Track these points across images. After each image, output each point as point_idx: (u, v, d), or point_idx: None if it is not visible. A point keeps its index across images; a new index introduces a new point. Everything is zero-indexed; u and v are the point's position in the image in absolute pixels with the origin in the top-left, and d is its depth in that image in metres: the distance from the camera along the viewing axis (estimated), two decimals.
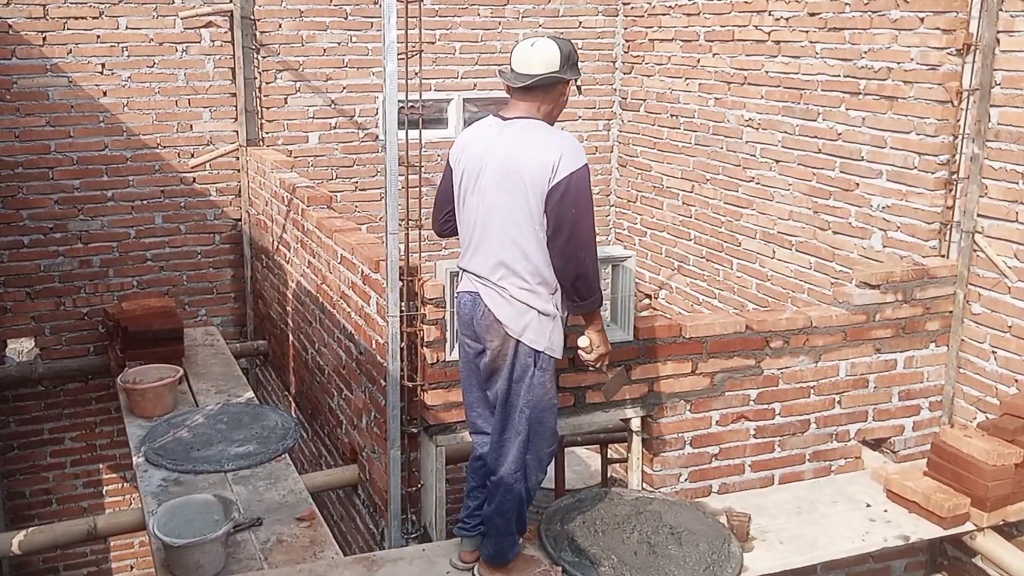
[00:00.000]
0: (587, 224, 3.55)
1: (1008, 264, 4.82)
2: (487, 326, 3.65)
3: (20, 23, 6.53)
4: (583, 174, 3.53)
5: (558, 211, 3.50)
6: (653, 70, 7.58)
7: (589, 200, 3.57)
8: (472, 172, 3.66)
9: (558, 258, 3.55)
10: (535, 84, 3.61)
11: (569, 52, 3.66)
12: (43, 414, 7.13)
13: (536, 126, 3.65)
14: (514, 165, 3.55)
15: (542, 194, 3.51)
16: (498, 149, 3.60)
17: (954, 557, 5.06)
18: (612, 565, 3.88)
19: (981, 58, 4.86)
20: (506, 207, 3.56)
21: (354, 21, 7.32)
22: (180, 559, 3.81)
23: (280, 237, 6.45)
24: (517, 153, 3.56)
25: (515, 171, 3.54)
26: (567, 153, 3.54)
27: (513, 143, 3.59)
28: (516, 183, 3.54)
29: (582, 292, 3.61)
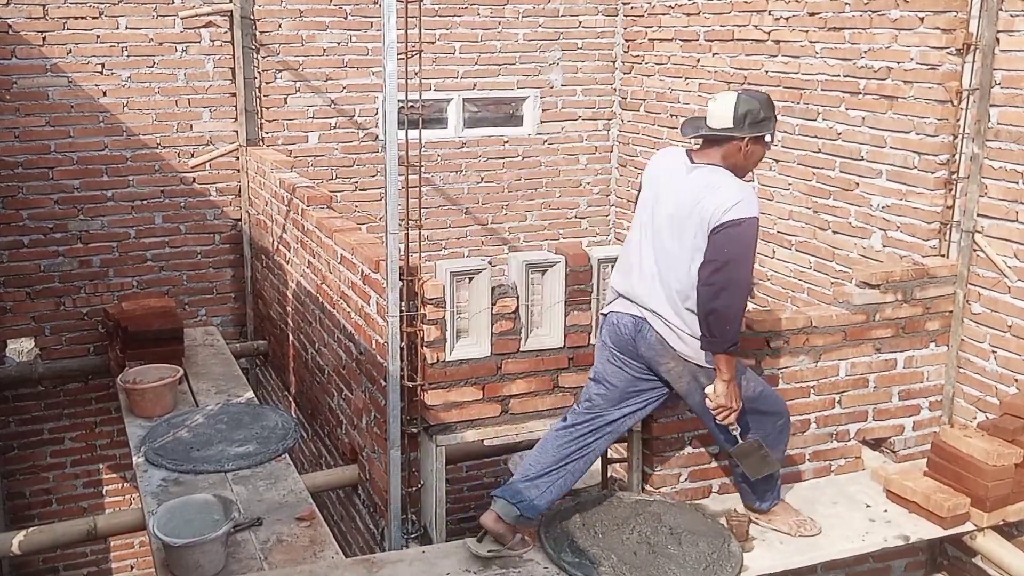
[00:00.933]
0: (740, 269, 3.73)
1: (1008, 264, 4.82)
2: (659, 351, 3.92)
3: (20, 23, 6.53)
4: (751, 223, 3.73)
5: (716, 247, 3.70)
6: (653, 70, 7.58)
7: (748, 250, 3.76)
8: (652, 203, 3.92)
9: (701, 285, 3.73)
10: (708, 136, 3.85)
11: (747, 111, 3.78)
12: (43, 414, 7.13)
13: (720, 173, 3.82)
14: (692, 209, 3.75)
15: (707, 230, 3.71)
16: (682, 191, 3.82)
17: (954, 557, 5.06)
18: (612, 565, 3.88)
19: (981, 58, 4.86)
20: (678, 248, 3.80)
21: (354, 21, 7.32)
22: (180, 559, 3.81)
23: (280, 237, 6.45)
24: (698, 198, 3.75)
25: (693, 215, 3.75)
26: (742, 200, 3.71)
27: (696, 187, 3.79)
28: (692, 226, 3.75)
29: (712, 328, 3.74)
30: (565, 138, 8.09)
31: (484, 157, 7.90)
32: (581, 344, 4.42)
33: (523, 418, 4.46)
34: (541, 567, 3.96)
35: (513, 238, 8.09)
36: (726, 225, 3.67)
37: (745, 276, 3.76)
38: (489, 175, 7.95)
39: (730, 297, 3.71)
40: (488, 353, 4.32)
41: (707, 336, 3.76)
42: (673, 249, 3.81)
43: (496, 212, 8.03)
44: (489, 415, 4.43)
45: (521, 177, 8.03)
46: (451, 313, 4.23)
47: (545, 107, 7.99)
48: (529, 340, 4.37)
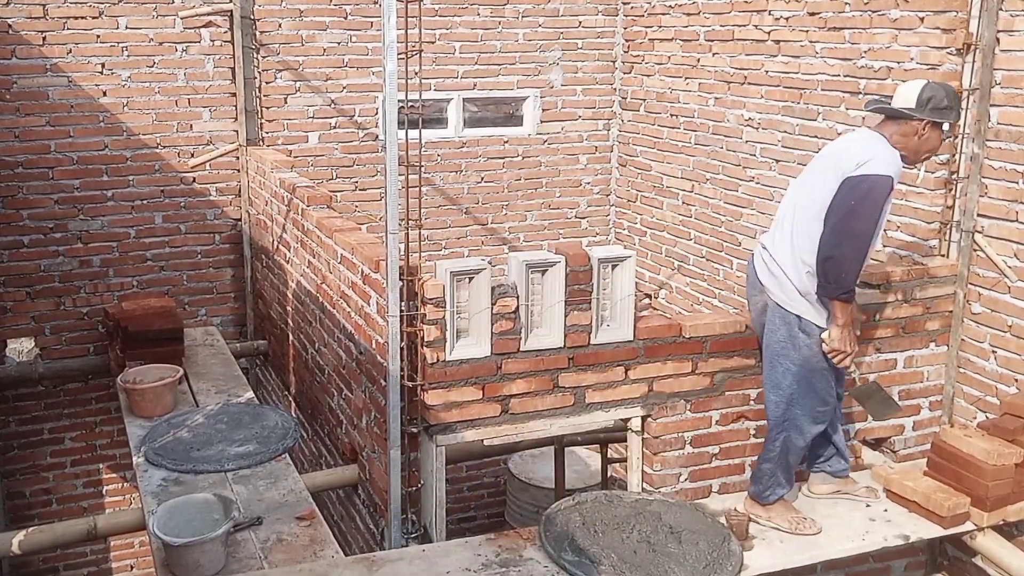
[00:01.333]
0: (860, 220, 3.87)
1: (1008, 263, 4.82)
2: (753, 284, 4.27)
3: (20, 23, 6.53)
4: (882, 182, 3.87)
5: (842, 195, 3.90)
6: (653, 70, 7.58)
7: (874, 206, 3.90)
8: (811, 162, 4.30)
9: (824, 232, 3.93)
10: (887, 113, 4.05)
11: (931, 96, 3.96)
12: (43, 414, 7.13)
13: (875, 137, 4.04)
14: (833, 160, 4.04)
15: (840, 180, 3.87)
16: (834, 145, 4.20)
17: (954, 557, 5.07)
18: (612, 564, 3.88)
19: (981, 57, 4.86)
20: (809, 184, 4.08)
21: (354, 21, 7.32)
22: (180, 558, 3.81)
23: (280, 237, 6.45)
24: (840, 149, 4.07)
25: (831, 164, 4.01)
26: (880, 159, 3.91)
27: (846, 142, 4.14)
28: (827, 168, 4.01)
29: (828, 273, 3.93)
30: (565, 138, 8.09)
31: (484, 157, 7.91)
32: (581, 344, 4.42)
33: (523, 418, 4.46)
34: (541, 566, 3.96)
35: (513, 238, 8.09)
36: (856, 178, 3.87)
37: (865, 228, 3.89)
38: (489, 175, 7.95)
39: (848, 247, 3.88)
40: (488, 353, 4.32)
41: (823, 282, 3.97)
42: (806, 200, 4.05)
43: (496, 212, 8.03)
44: (489, 415, 4.43)
45: (521, 177, 8.03)
46: (451, 313, 4.23)
47: (545, 107, 7.99)
48: (529, 340, 4.36)
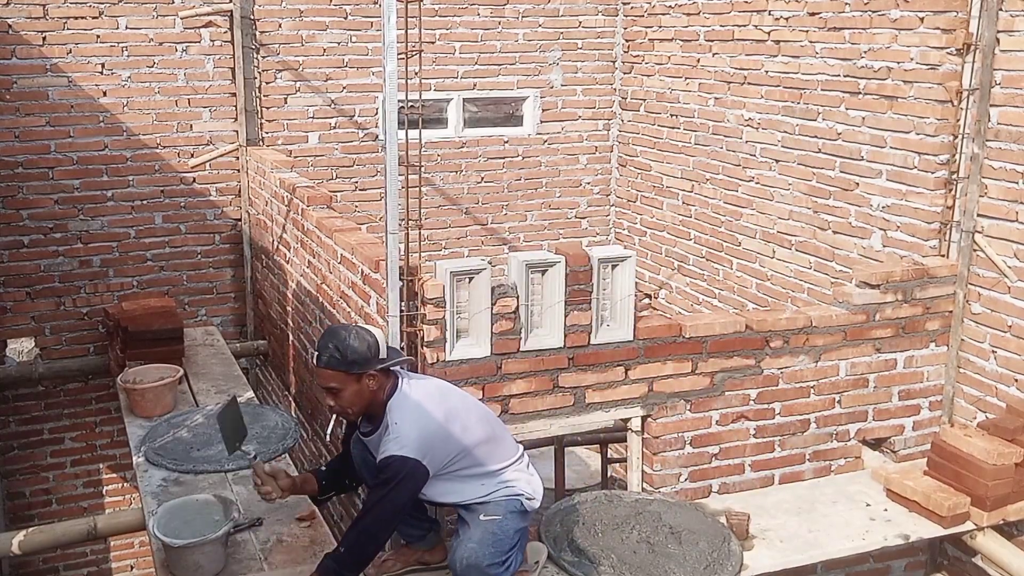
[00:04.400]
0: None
1: (1008, 264, 4.82)
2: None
3: (20, 23, 6.53)
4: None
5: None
6: (653, 70, 7.58)
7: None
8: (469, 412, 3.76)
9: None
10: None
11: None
12: (43, 414, 7.13)
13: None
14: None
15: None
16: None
17: (954, 556, 5.07)
18: (612, 564, 3.89)
19: (981, 58, 4.86)
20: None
21: (354, 21, 7.32)
22: (180, 559, 3.81)
23: (280, 237, 6.45)
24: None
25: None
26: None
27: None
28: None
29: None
30: (565, 138, 8.09)
31: (484, 157, 7.90)
32: (581, 344, 4.42)
33: (523, 418, 4.46)
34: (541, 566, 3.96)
35: (513, 238, 8.09)
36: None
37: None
38: (489, 175, 7.95)
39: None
40: (488, 353, 4.32)
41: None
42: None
43: (496, 212, 8.03)
44: None
45: (521, 177, 8.03)
46: (451, 313, 4.22)
47: (545, 107, 7.99)
48: (529, 340, 4.36)
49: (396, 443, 3.42)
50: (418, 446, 3.42)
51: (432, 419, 3.51)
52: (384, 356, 3.50)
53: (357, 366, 3.44)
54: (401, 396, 3.53)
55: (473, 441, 3.61)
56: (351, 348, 3.43)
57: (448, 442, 3.53)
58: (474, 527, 3.63)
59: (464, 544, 3.60)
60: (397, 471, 3.40)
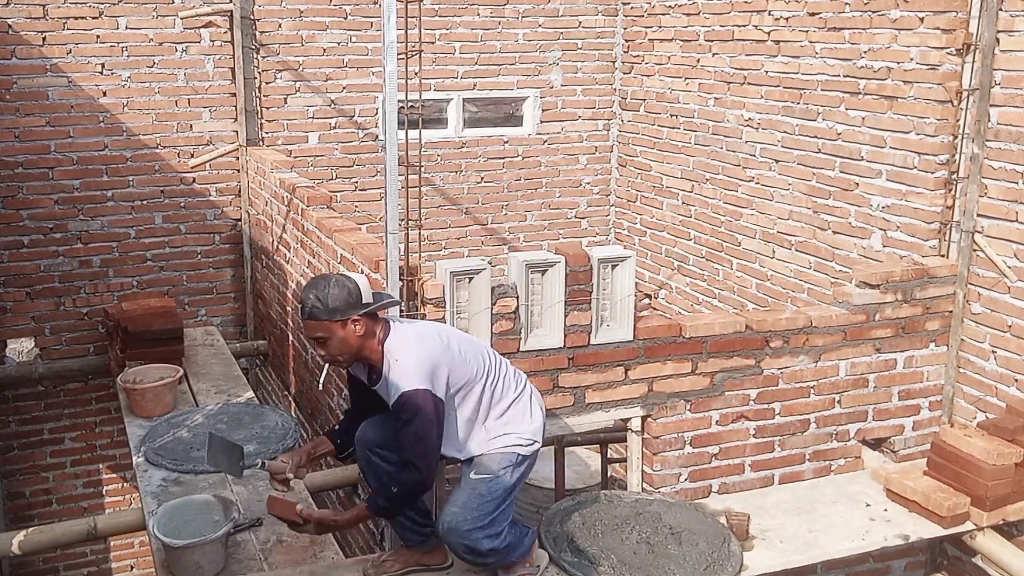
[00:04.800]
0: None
1: (1008, 264, 4.82)
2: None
3: (20, 23, 6.53)
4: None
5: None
6: (653, 70, 7.58)
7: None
8: (474, 347, 3.78)
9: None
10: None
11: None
12: (43, 414, 7.13)
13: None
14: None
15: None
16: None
17: (954, 556, 5.07)
18: (612, 565, 3.88)
19: (981, 58, 4.86)
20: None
21: (354, 21, 7.32)
22: (180, 559, 3.81)
23: (280, 237, 6.45)
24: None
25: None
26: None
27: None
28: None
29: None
30: (565, 138, 8.09)
31: (484, 157, 7.90)
32: (581, 344, 4.42)
33: None
34: None
35: (513, 238, 8.09)
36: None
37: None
38: (489, 175, 7.95)
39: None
40: None
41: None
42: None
43: (496, 212, 8.03)
44: None
45: (521, 177, 8.03)
46: (451, 313, 4.22)
47: (545, 107, 7.99)
48: (529, 340, 4.36)
49: (401, 379, 3.46)
50: (422, 374, 3.46)
51: (430, 347, 3.54)
52: (368, 301, 3.53)
53: (339, 313, 3.47)
54: (396, 335, 3.56)
55: (472, 374, 3.62)
56: (332, 296, 3.47)
57: (450, 368, 3.54)
58: (463, 488, 3.65)
59: (448, 508, 3.62)
60: (411, 407, 3.44)
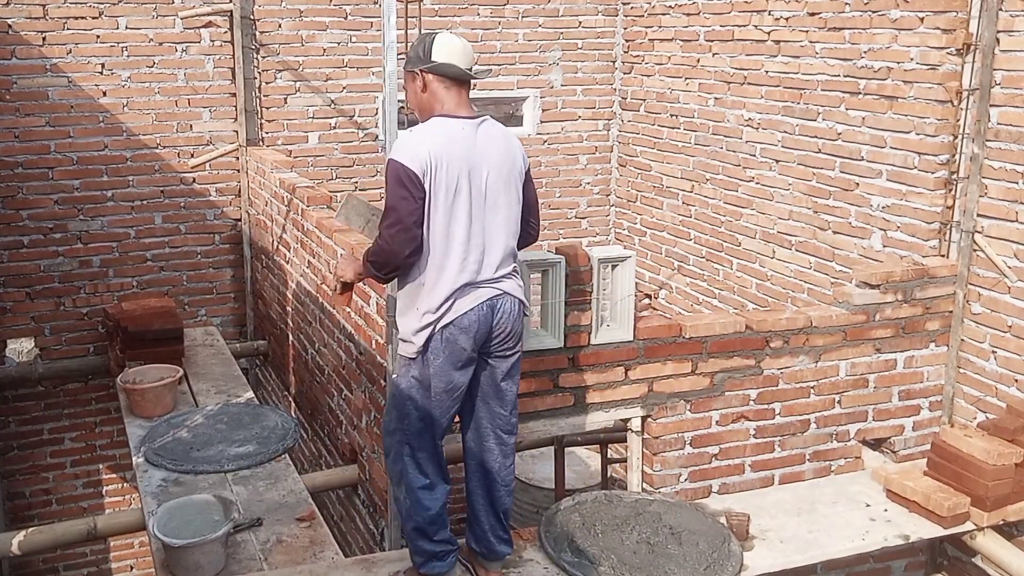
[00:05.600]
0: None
1: (1008, 264, 4.82)
2: (517, 320, 3.58)
3: (20, 23, 6.53)
4: (391, 166, 3.54)
5: (528, 191, 3.67)
6: (653, 70, 7.58)
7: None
8: (468, 179, 3.46)
9: (532, 233, 3.72)
10: (471, 78, 3.60)
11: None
12: (43, 414, 7.13)
13: (492, 121, 3.64)
14: (512, 164, 3.57)
15: (521, 181, 3.64)
16: (491, 151, 3.51)
17: (954, 557, 5.07)
18: (612, 565, 3.88)
19: (981, 58, 4.86)
20: (509, 205, 3.57)
21: (354, 21, 7.32)
22: (180, 559, 3.81)
23: (280, 237, 6.45)
24: (510, 152, 3.58)
25: (514, 169, 3.58)
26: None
27: (502, 142, 3.57)
28: (516, 180, 3.59)
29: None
30: (565, 138, 8.09)
31: None
32: (581, 344, 4.42)
33: (523, 418, 4.45)
34: (541, 567, 3.96)
35: None
36: (528, 172, 3.69)
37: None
38: None
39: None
40: None
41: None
42: (508, 206, 3.56)
43: None
44: None
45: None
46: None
47: (545, 107, 7.99)
48: (529, 340, 4.36)
49: (394, 149, 3.47)
50: (409, 154, 3.39)
51: (433, 142, 3.42)
52: (438, 61, 3.47)
53: (410, 63, 3.54)
54: (431, 120, 3.52)
55: (442, 204, 3.41)
56: (413, 45, 3.55)
57: (434, 178, 3.39)
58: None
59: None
60: (388, 172, 3.43)
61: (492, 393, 3.67)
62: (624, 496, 4.43)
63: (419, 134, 3.49)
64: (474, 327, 3.49)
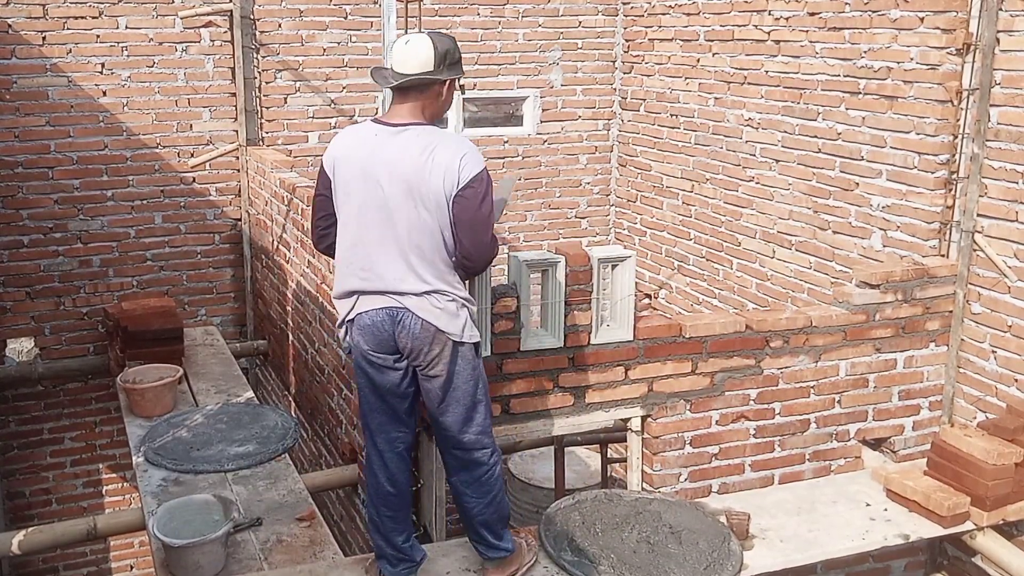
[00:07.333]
0: (491, 222, 3.54)
1: (1008, 264, 4.82)
2: (429, 338, 3.48)
3: (20, 23, 6.53)
4: (485, 175, 3.49)
5: (466, 216, 3.44)
6: (653, 70, 7.58)
7: (492, 199, 3.53)
8: (363, 184, 3.48)
9: (465, 262, 3.52)
10: (408, 84, 3.48)
11: (447, 50, 3.49)
12: (43, 414, 7.13)
13: (429, 132, 3.50)
14: (418, 176, 3.41)
15: (449, 201, 3.43)
16: (396, 160, 3.44)
17: (954, 556, 5.07)
18: (611, 564, 3.88)
19: (981, 57, 4.86)
20: (414, 219, 3.43)
21: (354, 20, 7.32)
22: (180, 559, 3.81)
23: (280, 237, 6.45)
24: (419, 163, 3.41)
25: (422, 182, 3.41)
26: (467, 156, 3.46)
27: (411, 152, 3.44)
28: (425, 194, 3.41)
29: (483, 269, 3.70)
30: (565, 138, 8.09)
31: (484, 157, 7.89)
32: (581, 344, 4.42)
33: (523, 418, 4.46)
34: (541, 566, 3.96)
35: (513, 238, 8.09)
36: (467, 192, 3.41)
37: (491, 224, 3.54)
38: None
39: (493, 247, 3.55)
40: (488, 353, 4.31)
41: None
42: (412, 219, 3.44)
43: None
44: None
45: (521, 177, 8.03)
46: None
47: (545, 107, 7.99)
48: (529, 340, 4.36)
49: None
50: (327, 152, 3.63)
51: (342, 142, 3.61)
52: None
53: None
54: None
55: (340, 203, 3.59)
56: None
57: (335, 175, 3.61)
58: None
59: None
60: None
61: (433, 410, 3.66)
62: (624, 495, 4.43)
63: (338, 136, 3.72)
64: (371, 330, 3.52)
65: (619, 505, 4.31)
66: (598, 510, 4.26)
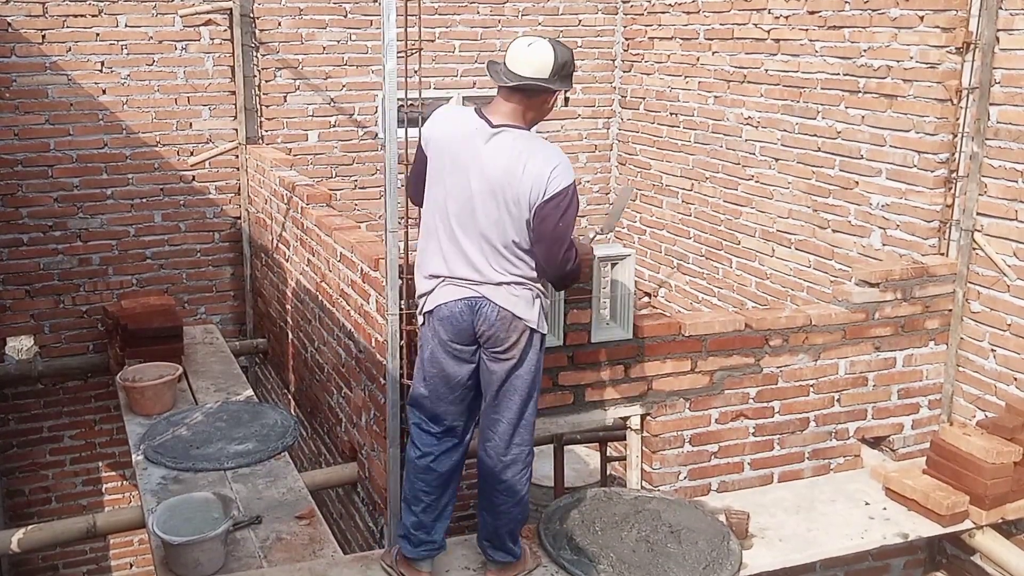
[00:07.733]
0: (567, 239, 3.57)
1: (1007, 262, 4.82)
2: (506, 325, 3.58)
3: (19, 21, 6.52)
4: (573, 190, 3.53)
5: (545, 229, 3.50)
6: (652, 68, 7.58)
7: (576, 214, 3.59)
8: (452, 174, 3.57)
9: (544, 272, 3.61)
10: (522, 87, 3.52)
11: (565, 61, 3.55)
12: (42, 412, 7.13)
13: (526, 138, 3.56)
14: (508, 180, 3.48)
15: (532, 209, 3.49)
16: (489, 161, 3.51)
17: (953, 555, 5.07)
18: (611, 563, 3.89)
19: (981, 56, 4.86)
20: (495, 218, 3.52)
21: (353, 19, 7.32)
22: (179, 557, 3.81)
23: (279, 235, 6.45)
24: (510, 169, 3.48)
25: (509, 187, 3.48)
26: (558, 169, 3.50)
27: (505, 156, 3.50)
28: (510, 198, 3.49)
29: (569, 284, 3.82)
30: (564, 136, 8.09)
31: None
32: (581, 343, 4.42)
33: None
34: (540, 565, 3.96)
35: None
36: (550, 203, 3.46)
37: (570, 236, 3.61)
38: None
39: (566, 264, 3.59)
40: None
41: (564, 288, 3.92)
42: (496, 219, 3.53)
43: None
44: None
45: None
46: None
47: None
48: None
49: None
50: (425, 125, 3.75)
51: (437, 120, 3.75)
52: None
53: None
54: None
55: (433, 178, 3.71)
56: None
57: (428, 149, 3.74)
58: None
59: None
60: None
61: (490, 399, 3.72)
62: (623, 494, 4.44)
63: (438, 114, 3.80)
64: (450, 321, 3.63)
65: (618, 504, 4.31)
66: (597, 509, 4.26)
